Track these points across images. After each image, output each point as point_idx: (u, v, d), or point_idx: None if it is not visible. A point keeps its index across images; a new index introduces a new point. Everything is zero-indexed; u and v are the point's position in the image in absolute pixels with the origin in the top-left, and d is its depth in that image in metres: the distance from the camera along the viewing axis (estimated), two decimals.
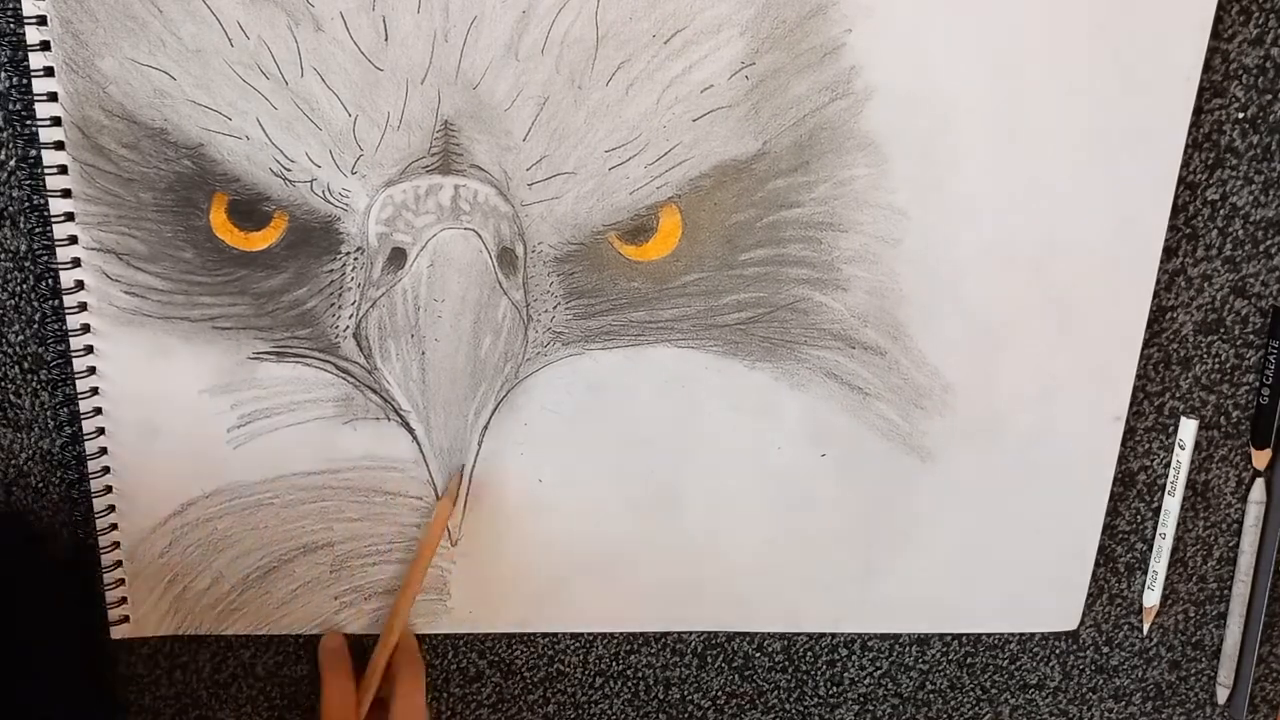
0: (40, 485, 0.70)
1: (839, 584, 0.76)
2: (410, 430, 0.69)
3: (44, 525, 0.71)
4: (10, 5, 0.61)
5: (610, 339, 0.69)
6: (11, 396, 0.68)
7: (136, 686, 0.76)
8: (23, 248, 0.65)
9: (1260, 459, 0.76)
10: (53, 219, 0.63)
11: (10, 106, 0.63)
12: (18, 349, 0.67)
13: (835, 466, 0.73)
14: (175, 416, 0.68)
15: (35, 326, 0.67)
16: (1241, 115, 0.69)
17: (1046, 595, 0.78)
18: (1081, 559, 0.77)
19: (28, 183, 0.64)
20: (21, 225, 0.65)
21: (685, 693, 0.81)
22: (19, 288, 0.66)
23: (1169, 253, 0.71)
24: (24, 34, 0.60)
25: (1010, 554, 0.77)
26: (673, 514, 0.73)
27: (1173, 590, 0.80)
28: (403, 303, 0.66)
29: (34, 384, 0.68)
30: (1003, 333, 0.71)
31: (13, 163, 0.64)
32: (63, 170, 0.62)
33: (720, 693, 0.81)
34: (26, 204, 0.64)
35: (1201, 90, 0.67)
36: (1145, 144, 0.68)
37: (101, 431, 0.68)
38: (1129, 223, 0.69)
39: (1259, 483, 0.77)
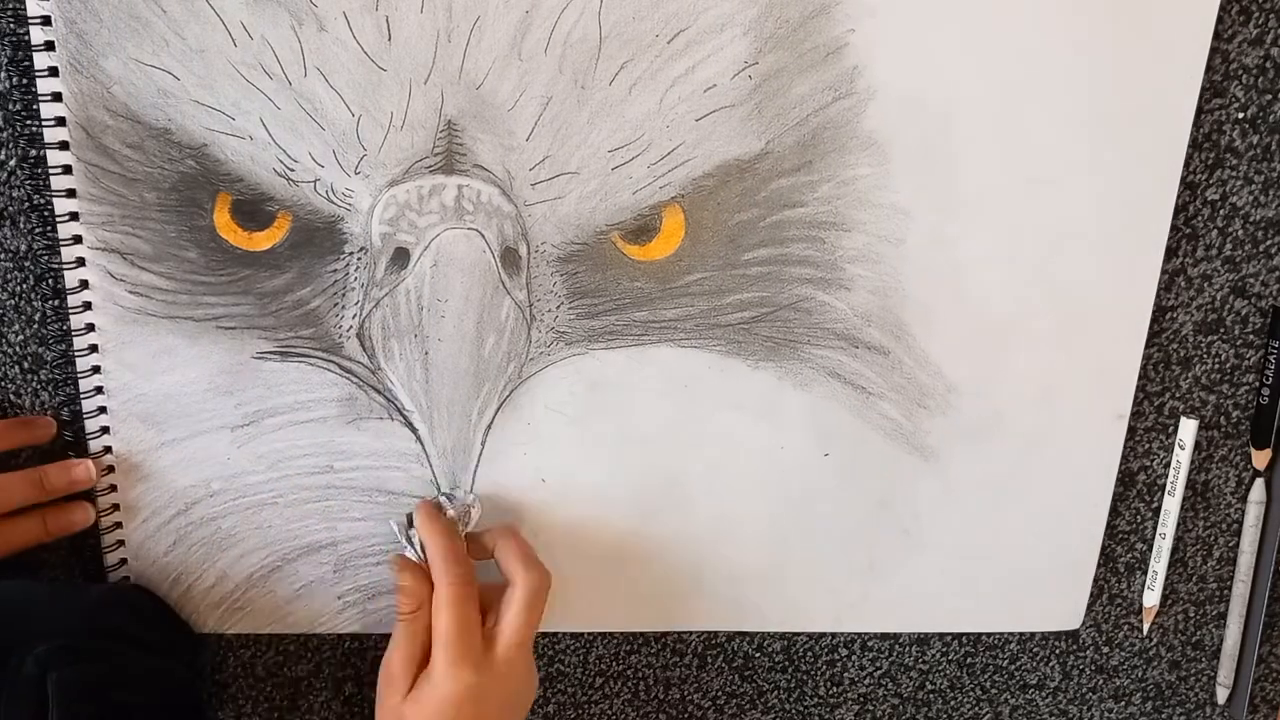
0: None
1: (842, 583, 0.77)
2: (413, 430, 0.69)
3: None
4: (11, 5, 0.61)
5: (613, 339, 0.69)
6: (11, 396, 0.68)
7: None
8: (23, 248, 0.65)
9: (1260, 459, 0.77)
10: (57, 219, 0.64)
11: (10, 107, 0.63)
12: (18, 349, 0.67)
13: (838, 466, 0.73)
14: (179, 416, 0.68)
15: (35, 326, 0.67)
16: (1241, 115, 0.69)
17: (1049, 594, 0.78)
18: (1085, 558, 0.78)
19: (28, 183, 0.64)
20: (22, 225, 0.65)
21: (685, 693, 0.81)
22: (19, 288, 0.66)
23: (1169, 253, 0.71)
24: (26, 34, 0.60)
25: (1013, 553, 0.77)
26: (675, 513, 0.73)
27: (1173, 590, 0.80)
28: (406, 303, 0.66)
29: (34, 384, 0.68)
30: (1005, 332, 0.71)
31: (13, 163, 0.64)
32: (67, 170, 0.63)
33: (720, 693, 0.81)
34: (27, 204, 0.64)
35: (1201, 90, 0.68)
36: (1148, 143, 0.68)
37: (105, 430, 0.68)
38: (1132, 222, 0.69)
39: (1259, 483, 0.77)
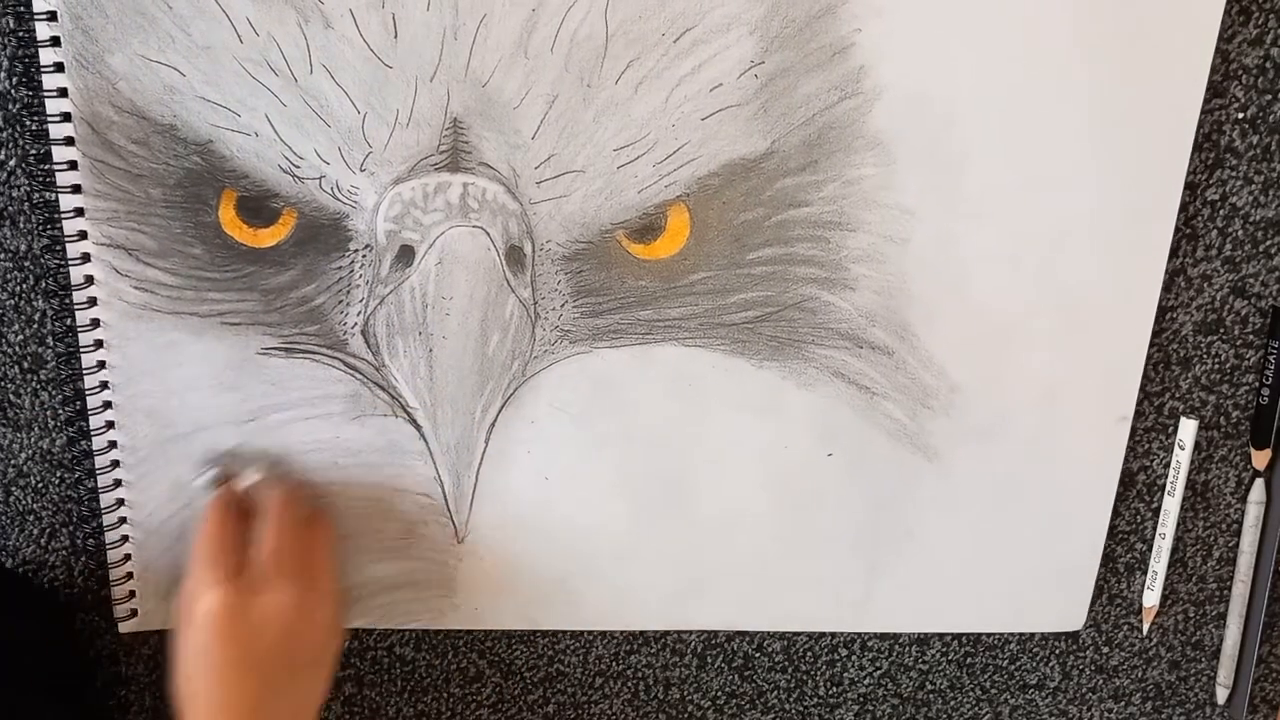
0: (40, 485, 0.70)
1: (844, 583, 0.77)
2: (417, 427, 0.69)
3: (44, 525, 0.71)
4: (13, 3, 0.61)
5: (618, 337, 0.69)
6: (11, 396, 0.68)
7: (137, 686, 0.76)
8: (23, 247, 0.65)
9: (1260, 459, 0.77)
10: (62, 214, 0.63)
11: (10, 107, 0.63)
12: (18, 349, 0.67)
13: (842, 466, 0.73)
14: (184, 411, 0.68)
15: (35, 326, 0.67)
16: (1241, 115, 0.69)
17: (1052, 595, 0.79)
18: (1086, 560, 0.78)
19: (29, 182, 0.64)
20: (21, 225, 0.65)
21: (685, 693, 0.80)
22: (19, 287, 0.66)
23: (1169, 253, 0.71)
24: (30, 31, 0.60)
25: (1016, 554, 0.77)
26: (678, 512, 0.73)
27: (1173, 590, 0.80)
28: (411, 300, 0.66)
29: (34, 384, 0.68)
30: (1010, 332, 0.71)
31: (12, 162, 0.64)
32: (72, 166, 0.62)
33: (720, 693, 0.81)
34: (26, 203, 0.64)
35: None
36: (1152, 144, 0.68)
37: (110, 425, 0.68)
38: (1136, 223, 0.70)
39: (1259, 483, 0.78)
